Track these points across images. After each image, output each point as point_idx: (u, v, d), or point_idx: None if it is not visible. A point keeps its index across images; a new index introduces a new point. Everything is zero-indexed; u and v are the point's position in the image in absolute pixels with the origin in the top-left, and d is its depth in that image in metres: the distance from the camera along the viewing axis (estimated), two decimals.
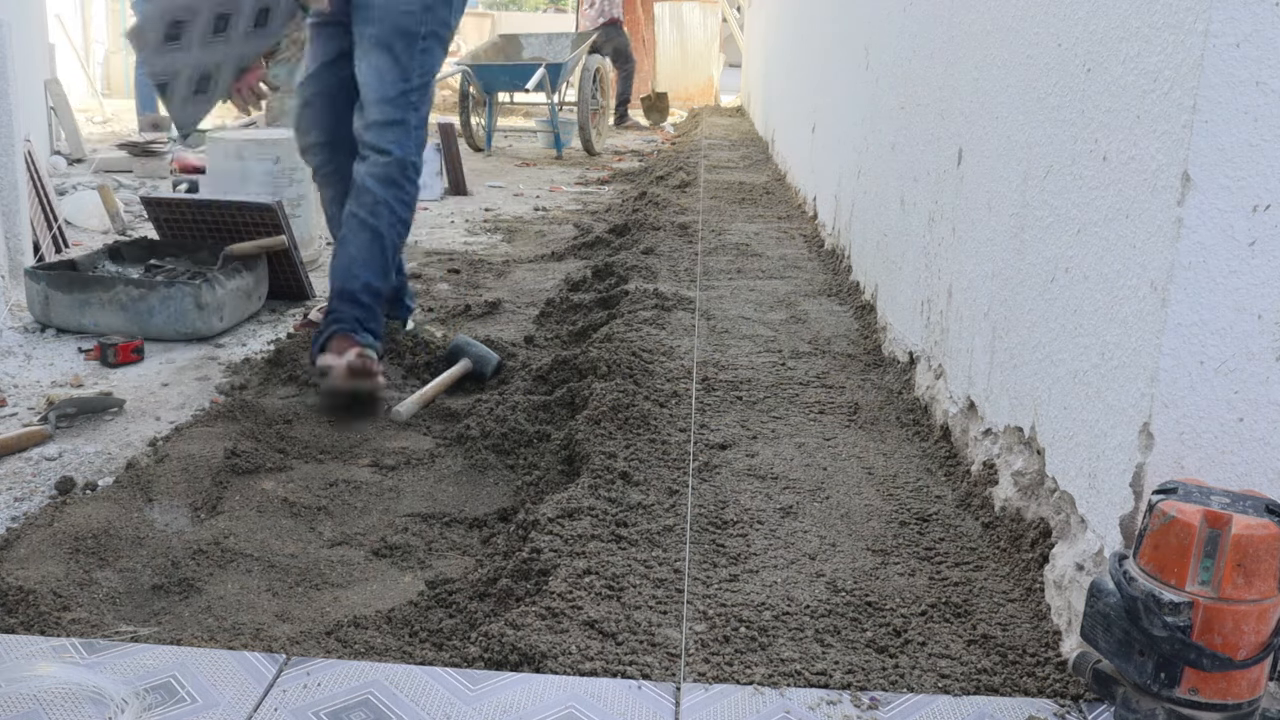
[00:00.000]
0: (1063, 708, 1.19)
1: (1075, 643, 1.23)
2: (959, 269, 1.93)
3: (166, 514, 1.67)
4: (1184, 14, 1.10)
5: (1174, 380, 1.13)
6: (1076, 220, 1.37)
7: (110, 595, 1.41)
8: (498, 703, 1.17)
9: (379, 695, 1.18)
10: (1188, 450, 1.15)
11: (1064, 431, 1.40)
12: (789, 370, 2.36)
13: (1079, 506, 1.34)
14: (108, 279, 2.74)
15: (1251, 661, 0.98)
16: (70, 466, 1.90)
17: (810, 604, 1.39)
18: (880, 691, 1.21)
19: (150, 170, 5.22)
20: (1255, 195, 1.09)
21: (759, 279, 3.26)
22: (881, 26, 2.89)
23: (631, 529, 1.55)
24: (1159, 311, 1.13)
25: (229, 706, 1.16)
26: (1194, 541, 0.97)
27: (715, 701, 1.19)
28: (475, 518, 1.67)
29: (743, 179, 5.46)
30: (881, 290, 2.70)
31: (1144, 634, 0.99)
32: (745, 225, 4.16)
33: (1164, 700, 1.00)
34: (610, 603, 1.36)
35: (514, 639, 1.26)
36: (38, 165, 3.52)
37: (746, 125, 8.74)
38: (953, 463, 1.84)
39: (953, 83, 2.03)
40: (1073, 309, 1.37)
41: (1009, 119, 1.67)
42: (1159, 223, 1.14)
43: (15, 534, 1.58)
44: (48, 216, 3.48)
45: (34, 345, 2.60)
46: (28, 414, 2.15)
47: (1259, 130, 1.07)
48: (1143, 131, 1.18)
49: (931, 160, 2.17)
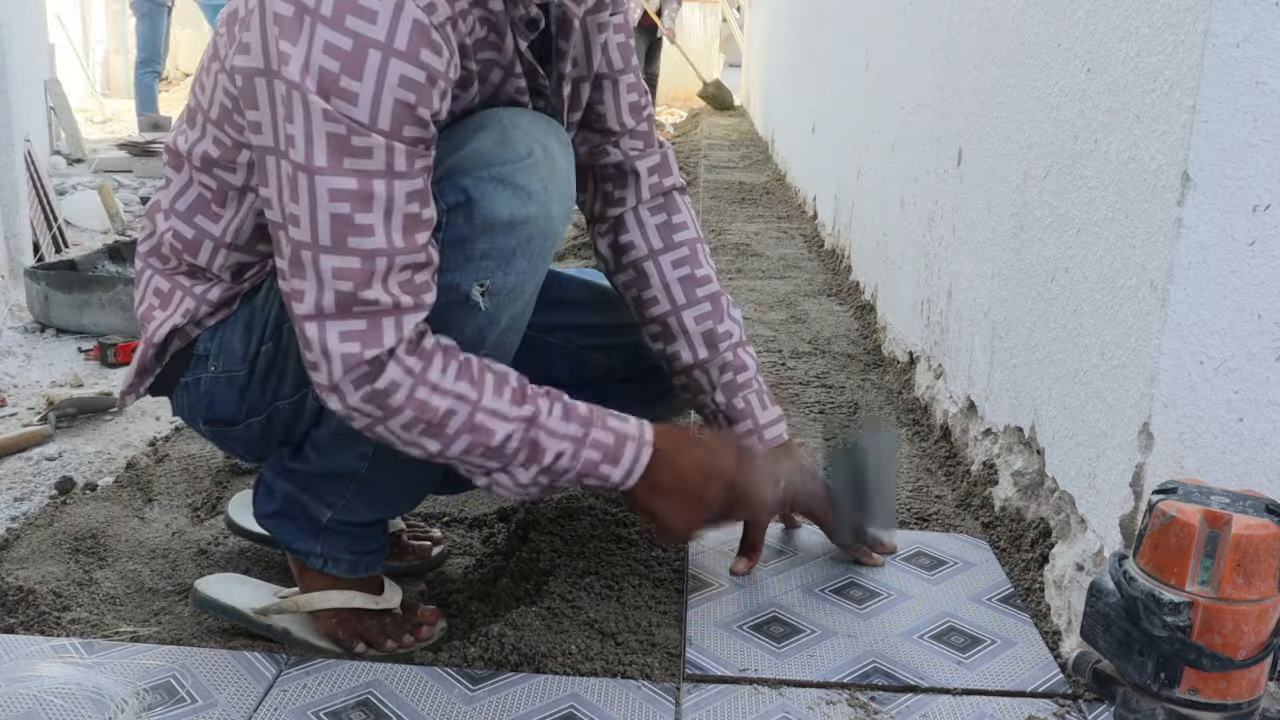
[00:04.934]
0: (1062, 708, 1.19)
1: (1075, 643, 1.23)
2: (959, 269, 1.93)
3: (166, 514, 1.67)
4: (1184, 14, 1.10)
5: (1174, 380, 1.13)
6: (1076, 220, 1.37)
7: (110, 595, 1.41)
8: (498, 703, 1.17)
9: (379, 695, 1.18)
10: (1188, 450, 1.15)
11: (1064, 431, 1.40)
12: (789, 370, 2.36)
13: (1079, 506, 1.34)
14: (108, 279, 2.74)
15: (1251, 661, 0.98)
16: (70, 466, 1.90)
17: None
18: (879, 691, 1.21)
19: (150, 170, 5.22)
20: (1255, 195, 1.09)
21: (759, 279, 3.26)
22: (881, 26, 2.89)
23: (631, 529, 1.55)
24: (1159, 311, 1.13)
25: (229, 706, 1.16)
26: (1194, 541, 0.97)
27: (715, 701, 1.19)
28: (475, 518, 1.67)
29: (743, 179, 5.46)
30: (881, 290, 2.70)
31: (1144, 634, 0.99)
32: (745, 225, 4.16)
33: (1164, 700, 1.00)
34: (610, 603, 1.36)
35: (514, 639, 1.26)
36: (38, 165, 3.52)
37: (746, 125, 8.74)
38: (952, 463, 1.84)
39: (952, 83, 2.03)
40: (1073, 309, 1.38)
41: (1009, 119, 1.67)
42: (1159, 223, 1.14)
43: (15, 534, 1.58)
44: (48, 216, 3.48)
45: (34, 345, 2.60)
46: (28, 414, 2.15)
47: (1259, 130, 1.07)
48: (1143, 131, 1.18)
49: (931, 160, 2.17)
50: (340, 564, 1.29)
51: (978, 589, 1.44)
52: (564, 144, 1.20)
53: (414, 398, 1.09)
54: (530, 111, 1.21)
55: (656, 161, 1.44)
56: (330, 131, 1.02)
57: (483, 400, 1.12)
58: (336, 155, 1.03)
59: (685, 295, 1.42)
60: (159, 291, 1.25)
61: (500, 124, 1.15)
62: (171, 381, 1.28)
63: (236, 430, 1.27)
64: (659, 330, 1.43)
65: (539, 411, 1.16)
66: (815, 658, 1.27)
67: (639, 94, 1.41)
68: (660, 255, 1.43)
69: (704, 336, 1.42)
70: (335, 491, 1.25)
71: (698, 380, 1.42)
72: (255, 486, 1.32)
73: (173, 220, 1.23)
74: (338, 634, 1.29)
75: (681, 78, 12.29)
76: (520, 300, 1.19)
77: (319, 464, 1.25)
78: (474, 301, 1.14)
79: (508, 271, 1.15)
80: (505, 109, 1.19)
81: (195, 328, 1.24)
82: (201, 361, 1.25)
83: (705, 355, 1.42)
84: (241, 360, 1.23)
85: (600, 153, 1.40)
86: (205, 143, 1.19)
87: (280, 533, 1.29)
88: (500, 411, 1.13)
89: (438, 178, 1.13)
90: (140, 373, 1.26)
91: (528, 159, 1.13)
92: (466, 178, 1.12)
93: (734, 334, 1.43)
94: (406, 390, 1.09)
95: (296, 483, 1.27)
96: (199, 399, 1.27)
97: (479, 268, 1.13)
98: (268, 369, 1.23)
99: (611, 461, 1.20)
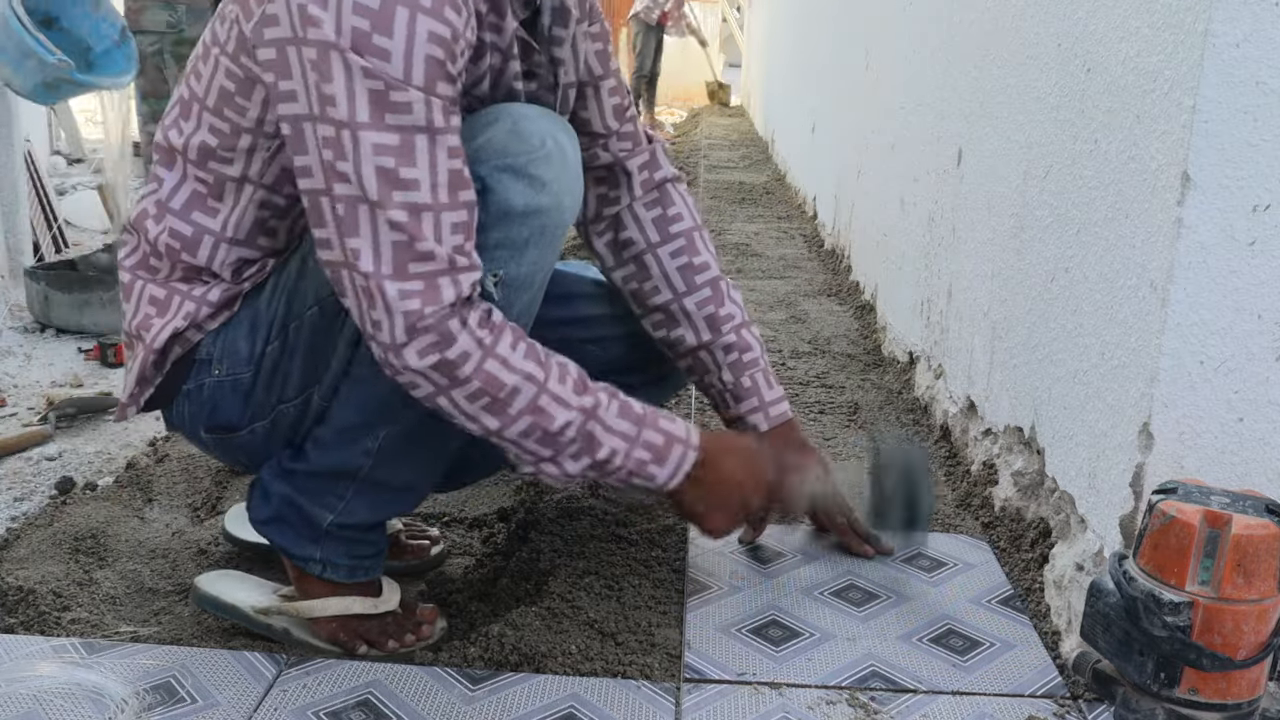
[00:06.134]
0: (1062, 707, 1.19)
1: (1075, 643, 1.23)
2: (959, 269, 1.93)
3: (166, 514, 1.67)
4: (1184, 14, 1.10)
5: (1174, 380, 1.13)
6: (1076, 220, 1.37)
7: (110, 595, 1.41)
8: (498, 703, 1.17)
9: (379, 695, 1.18)
10: (1188, 450, 1.15)
11: (1064, 431, 1.40)
12: (789, 370, 2.36)
13: (1079, 506, 1.34)
14: (108, 279, 2.74)
15: (1251, 661, 0.98)
16: (70, 466, 1.90)
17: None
18: (879, 691, 1.21)
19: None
20: (1255, 195, 1.09)
21: (759, 279, 3.26)
22: (881, 26, 2.89)
23: (631, 529, 1.55)
24: (1159, 311, 1.13)
25: (229, 706, 1.16)
26: (1194, 541, 0.97)
27: (715, 701, 1.19)
28: (475, 518, 1.67)
29: (743, 179, 5.46)
30: (881, 290, 2.70)
31: (1144, 634, 0.99)
32: (745, 225, 4.16)
33: (1163, 700, 1.00)
34: (610, 603, 1.36)
35: (514, 639, 1.26)
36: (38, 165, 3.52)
37: (746, 125, 8.74)
38: (952, 463, 1.84)
39: (953, 83, 2.03)
40: (1072, 309, 1.37)
41: (1009, 119, 1.67)
42: (1159, 223, 1.14)
43: (15, 534, 1.58)
44: (48, 216, 3.48)
45: (34, 345, 2.60)
46: (28, 414, 2.15)
47: (1259, 130, 1.07)
48: (1143, 131, 1.18)
49: (931, 160, 2.17)
50: (339, 569, 1.28)
51: (977, 591, 1.44)
52: (572, 137, 1.21)
53: (483, 369, 1.09)
54: (537, 107, 1.22)
55: (646, 159, 1.46)
56: (370, 88, 1.03)
57: (549, 383, 1.13)
58: (379, 110, 1.04)
59: (685, 283, 1.45)
60: (154, 300, 1.24)
61: (511, 117, 1.16)
62: (171, 392, 1.26)
63: (239, 437, 1.27)
64: (661, 318, 1.45)
65: (599, 404, 1.17)
66: (814, 661, 1.27)
67: (620, 96, 1.43)
68: (658, 248, 1.45)
69: (706, 320, 1.44)
70: (335, 493, 1.25)
71: (703, 361, 1.45)
72: (250, 490, 1.30)
73: (168, 219, 1.22)
74: (339, 636, 1.29)
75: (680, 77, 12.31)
76: (531, 290, 1.19)
77: (320, 462, 1.24)
78: (487, 291, 1.14)
79: (520, 261, 1.15)
80: (514, 104, 1.21)
81: (196, 331, 1.24)
82: (205, 366, 1.24)
83: (709, 338, 1.44)
84: (247, 362, 1.23)
85: (591, 155, 1.42)
86: (202, 133, 1.18)
87: (277, 538, 1.28)
88: (563, 398, 1.14)
89: None
90: (140, 382, 1.25)
91: (540, 150, 1.14)
92: (481, 167, 1.13)
93: (736, 316, 1.46)
94: (476, 361, 1.09)
95: (295, 485, 1.26)
96: (201, 406, 1.26)
97: (493, 257, 1.14)
98: (273, 370, 1.23)
99: (659, 463, 1.21)
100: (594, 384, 1.18)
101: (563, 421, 1.14)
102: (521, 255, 1.15)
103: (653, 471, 1.21)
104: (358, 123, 1.04)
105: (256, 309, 1.23)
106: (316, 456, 1.24)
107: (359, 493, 1.25)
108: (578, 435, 1.15)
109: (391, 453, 1.20)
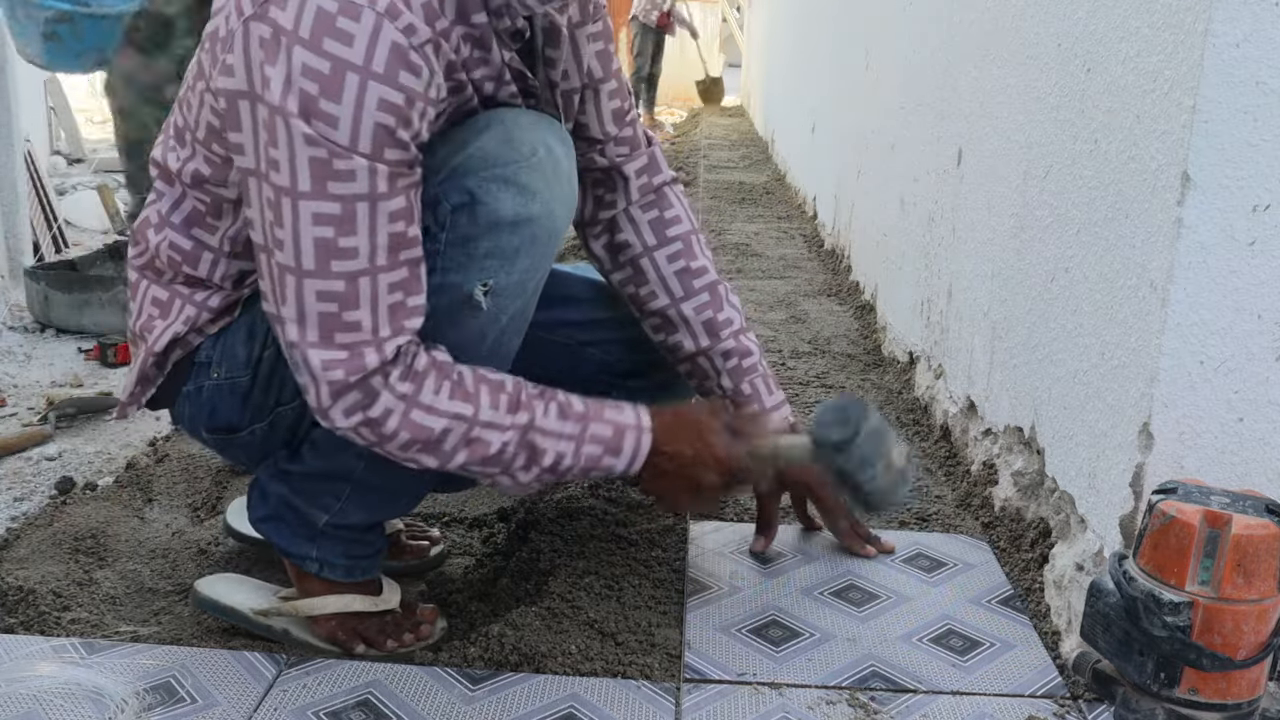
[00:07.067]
0: (1062, 708, 1.19)
1: (1075, 643, 1.23)
2: (959, 269, 1.93)
3: (166, 514, 1.67)
4: (1184, 14, 1.10)
5: (1174, 380, 1.13)
6: (1076, 220, 1.37)
7: (110, 595, 1.41)
8: (498, 703, 1.17)
9: (379, 695, 1.18)
10: (1188, 450, 1.15)
11: (1064, 431, 1.40)
12: (789, 370, 2.36)
13: (1079, 506, 1.34)
14: (108, 279, 2.74)
15: (1251, 661, 0.98)
16: (70, 466, 1.90)
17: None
18: (879, 691, 1.21)
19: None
20: (1255, 195, 1.09)
21: (759, 279, 3.26)
22: (881, 26, 2.89)
23: (631, 529, 1.55)
24: (1159, 311, 1.13)
25: (229, 706, 1.16)
26: (1194, 541, 0.97)
27: (715, 701, 1.19)
28: (475, 518, 1.67)
29: (743, 179, 5.46)
30: (881, 290, 2.70)
31: (1144, 634, 0.99)
32: (745, 225, 4.16)
33: (1163, 700, 1.00)
34: (610, 603, 1.36)
35: (514, 639, 1.26)
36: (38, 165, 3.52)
37: (746, 125, 8.74)
38: (952, 463, 1.84)
39: (953, 83, 2.03)
40: (1072, 309, 1.37)
41: (1009, 119, 1.67)
42: (1159, 223, 1.14)
43: (15, 534, 1.58)
44: (48, 216, 3.48)
45: (34, 345, 2.60)
46: (28, 414, 2.15)
47: (1259, 130, 1.07)
48: (1143, 131, 1.18)
49: (931, 160, 2.17)
50: (336, 569, 1.28)
51: (977, 591, 1.44)
52: (566, 144, 1.20)
53: (409, 420, 1.11)
54: (532, 112, 1.21)
55: (644, 163, 1.45)
56: (313, 156, 1.02)
57: (479, 415, 1.13)
58: (320, 179, 1.03)
59: (683, 288, 1.44)
60: (157, 301, 1.25)
61: (503, 124, 1.16)
62: (172, 393, 1.27)
63: (240, 437, 1.27)
64: (659, 322, 1.45)
65: (534, 416, 1.17)
66: (814, 661, 1.27)
67: (621, 99, 1.41)
68: (655, 251, 1.44)
69: (704, 325, 1.44)
70: (330, 494, 1.25)
71: (702, 367, 1.45)
72: (249, 489, 1.31)
73: (167, 233, 1.22)
74: (337, 635, 1.29)
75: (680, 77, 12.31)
76: (522, 299, 1.19)
77: (315, 464, 1.25)
78: (476, 301, 1.14)
79: (510, 271, 1.15)
80: (507, 110, 1.19)
81: (196, 335, 1.24)
82: (203, 369, 1.25)
83: (707, 343, 1.44)
84: (244, 366, 1.23)
85: (588, 160, 1.41)
86: (196, 161, 1.19)
87: (275, 537, 1.29)
88: (496, 423, 1.14)
89: (441, 179, 1.13)
90: (141, 382, 1.26)
91: (531, 159, 1.14)
92: (470, 178, 1.12)
93: (734, 321, 1.46)
94: (400, 415, 1.10)
95: (291, 486, 1.26)
96: (201, 407, 1.26)
97: (482, 267, 1.14)
98: (270, 374, 1.23)
99: (613, 453, 1.21)
100: (532, 393, 1.18)
101: (499, 444, 1.14)
102: (512, 264, 1.15)
103: (609, 463, 1.22)
104: (299, 191, 1.03)
105: (254, 315, 1.23)
106: (311, 458, 1.25)
107: (353, 494, 1.25)
108: (518, 450, 1.16)
109: (383, 457, 1.20)
